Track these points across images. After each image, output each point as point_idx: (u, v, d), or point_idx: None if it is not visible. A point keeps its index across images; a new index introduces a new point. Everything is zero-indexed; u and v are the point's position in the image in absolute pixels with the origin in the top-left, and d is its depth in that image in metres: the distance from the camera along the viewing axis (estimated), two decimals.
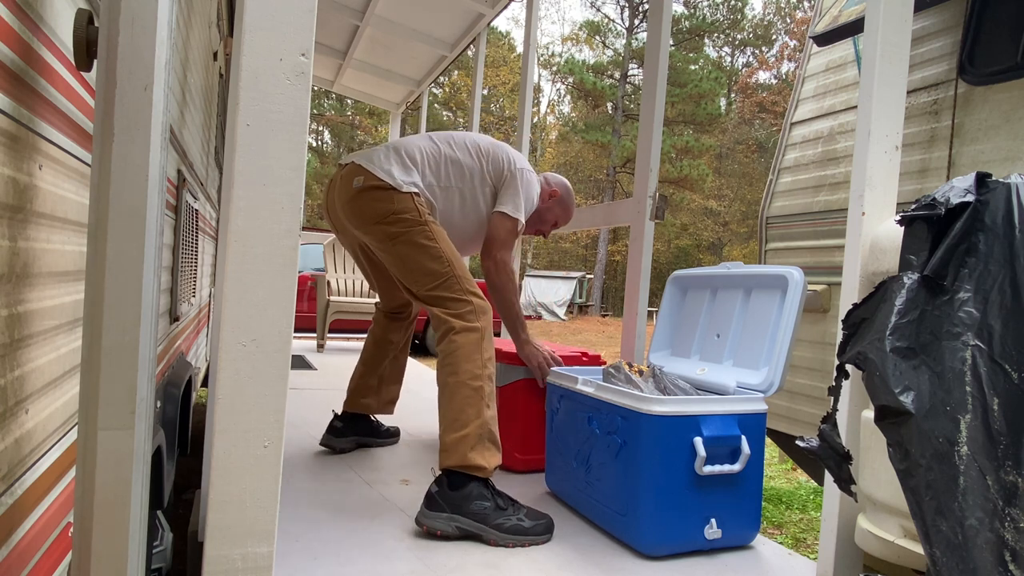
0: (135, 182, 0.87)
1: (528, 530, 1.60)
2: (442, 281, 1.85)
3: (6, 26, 0.79)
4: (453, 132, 2.16)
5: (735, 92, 32.56)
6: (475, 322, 1.81)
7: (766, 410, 1.67)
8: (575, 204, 2.38)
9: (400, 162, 1.95)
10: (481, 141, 2.12)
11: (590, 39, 31.27)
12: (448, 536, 1.59)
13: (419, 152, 2.00)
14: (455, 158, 2.04)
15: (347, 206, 1.96)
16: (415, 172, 1.96)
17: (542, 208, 2.25)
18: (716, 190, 29.40)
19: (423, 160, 1.99)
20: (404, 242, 1.88)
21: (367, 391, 2.36)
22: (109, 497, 0.86)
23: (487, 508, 1.61)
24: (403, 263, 1.90)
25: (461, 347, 1.77)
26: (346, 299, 5.28)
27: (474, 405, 1.71)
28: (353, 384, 2.38)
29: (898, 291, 0.98)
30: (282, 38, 0.88)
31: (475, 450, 1.65)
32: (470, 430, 1.67)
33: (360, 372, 2.38)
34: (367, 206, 1.92)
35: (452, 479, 1.65)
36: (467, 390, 1.72)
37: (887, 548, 1.23)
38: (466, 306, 1.83)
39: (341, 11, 4.27)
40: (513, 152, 2.14)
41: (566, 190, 2.32)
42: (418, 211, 1.89)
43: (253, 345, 0.88)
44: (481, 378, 1.75)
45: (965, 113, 2.18)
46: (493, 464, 1.68)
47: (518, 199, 2.04)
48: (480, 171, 2.05)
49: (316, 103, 26.74)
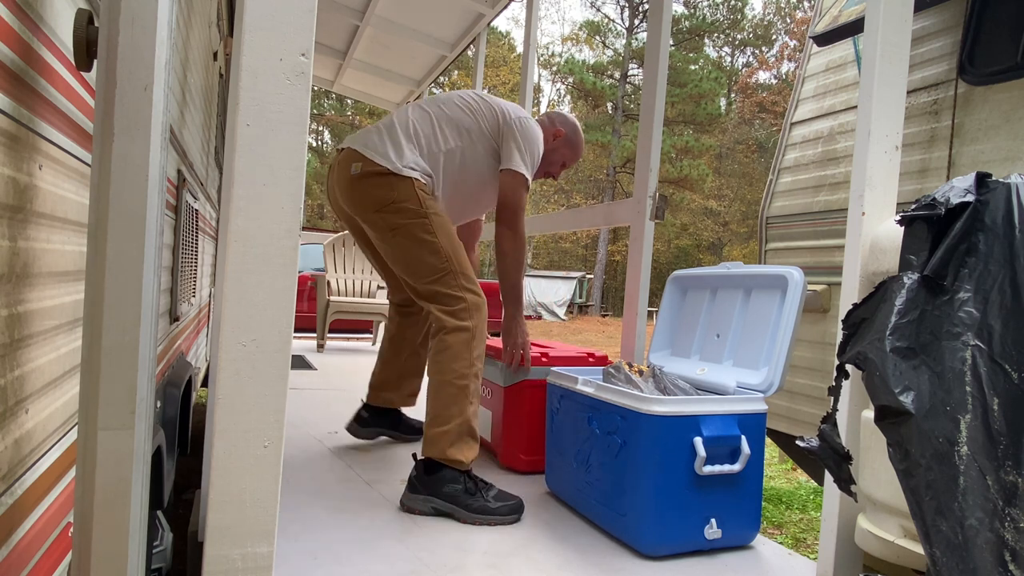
0: (135, 182, 0.87)
1: (494, 510, 1.73)
2: (439, 276, 1.86)
3: (6, 26, 0.79)
4: (442, 94, 2.11)
5: (735, 92, 32.56)
6: (467, 320, 1.84)
7: (766, 410, 1.67)
8: (583, 140, 2.28)
9: (394, 141, 1.91)
10: (473, 97, 2.06)
11: (590, 39, 31.27)
12: (425, 514, 1.76)
13: (411, 123, 1.96)
14: (449, 117, 1.99)
15: (346, 193, 1.95)
16: (412, 146, 1.92)
17: (547, 150, 2.16)
18: (716, 190, 29.40)
19: (416, 131, 1.95)
20: (403, 235, 1.87)
21: (387, 386, 2.36)
22: (109, 497, 0.86)
23: (458, 490, 1.75)
24: (402, 256, 1.91)
25: (451, 346, 1.83)
26: (346, 299, 5.28)
27: (458, 403, 1.81)
28: (374, 379, 2.38)
29: (898, 291, 0.98)
30: (282, 38, 0.88)
31: (454, 446, 1.78)
32: (451, 427, 1.78)
33: (379, 368, 2.38)
34: (366, 193, 1.90)
35: (428, 465, 1.79)
36: (453, 388, 1.82)
37: (887, 548, 1.23)
38: (460, 303, 1.85)
39: (341, 11, 4.27)
40: (507, 104, 2.08)
41: (572, 127, 2.23)
42: (418, 199, 1.86)
43: (253, 345, 0.88)
44: (467, 376, 1.82)
45: (965, 113, 2.18)
46: (470, 457, 1.80)
47: (520, 151, 1.97)
48: (477, 127, 2.00)
49: (316, 103, 26.75)
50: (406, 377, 2.38)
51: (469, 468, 1.79)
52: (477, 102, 2.04)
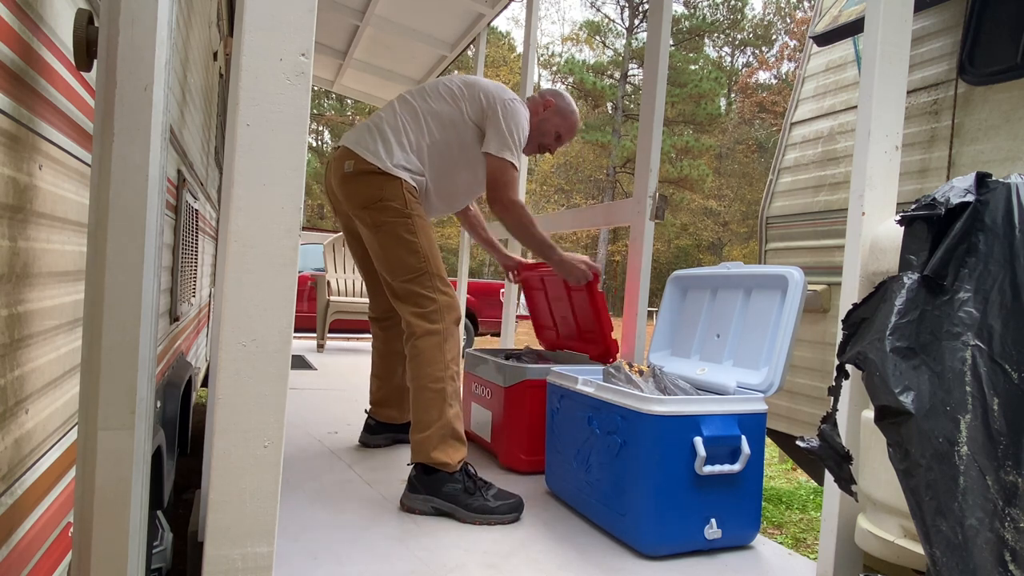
0: (135, 182, 0.87)
1: (493, 509, 1.74)
2: (415, 276, 1.91)
3: (6, 26, 0.79)
4: (429, 83, 2.11)
5: (735, 92, 32.55)
6: (437, 323, 1.88)
7: (766, 410, 1.67)
8: (576, 112, 2.27)
9: (384, 140, 1.96)
10: (458, 85, 2.06)
11: (590, 39, 31.25)
12: (425, 514, 1.77)
13: (399, 120, 2.00)
14: (434, 110, 2.02)
15: (340, 189, 2.01)
16: (401, 144, 1.96)
17: (538, 121, 2.18)
18: (716, 190, 29.38)
19: (404, 127, 1.99)
20: (386, 232, 1.93)
21: (389, 403, 2.41)
22: (109, 497, 0.86)
23: (458, 490, 1.77)
24: (383, 252, 1.95)
25: (422, 352, 1.86)
26: (346, 299, 5.28)
27: (436, 406, 1.83)
28: (374, 396, 2.42)
29: (898, 291, 0.98)
30: (282, 38, 0.88)
31: (437, 449, 1.80)
32: (431, 432, 1.81)
33: (376, 385, 2.41)
34: (357, 191, 1.96)
35: (425, 466, 1.81)
36: (429, 393, 1.84)
37: (887, 548, 1.23)
38: (431, 304, 1.89)
39: (341, 11, 4.27)
40: (491, 86, 2.08)
41: (561, 97, 2.23)
42: (404, 200, 1.92)
43: (253, 345, 0.88)
44: (443, 380, 1.85)
45: (965, 113, 2.18)
46: (456, 459, 1.81)
47: (502, 135, 1.97)
48: (460, 116, 2.02)
49: (316, 103, 26.74)
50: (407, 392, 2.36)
51: (457, 468, 1.80)
52: (461, 89, 2.05)
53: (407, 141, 1.98)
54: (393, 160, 1.93)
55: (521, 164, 2.12)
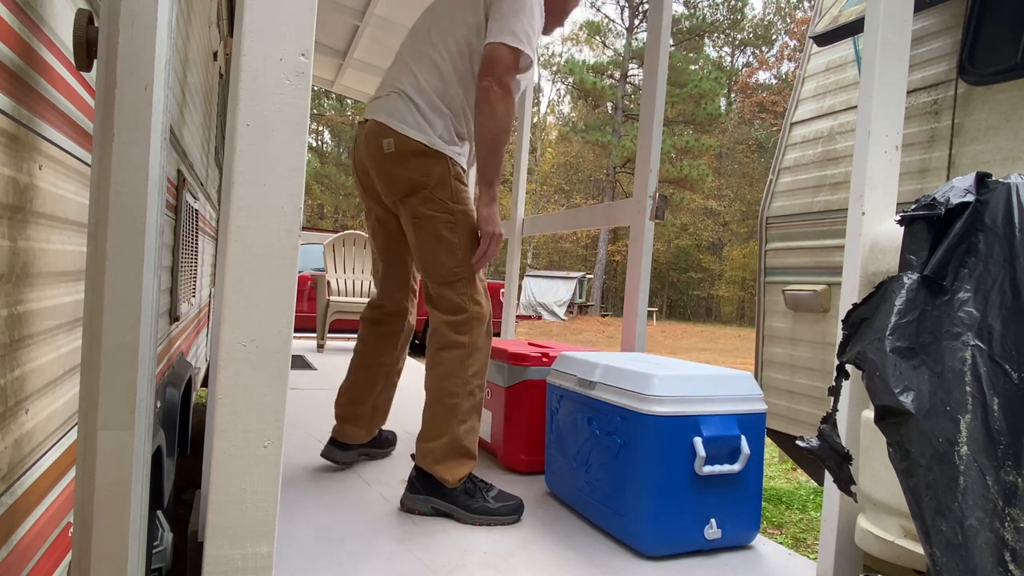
0: (135, 182, 0.87)
1: (493, 511, 1.73)
2: (450, 280, 1.79)
3: (6, 26, 0.79)
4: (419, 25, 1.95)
5: (735, 92, 32.57)
6: (464, 335, 1.78)
7: (766, 410, 1.67)
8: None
9: (417, 108, 1.77)
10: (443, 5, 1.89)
11: (590, 39, 31.27)
12: (425, 514, 1.76)
13: (419, 79, 1.80)
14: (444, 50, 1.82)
15: (379, 172, 1.82)
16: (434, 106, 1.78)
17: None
18: (716, 190, 29.40)
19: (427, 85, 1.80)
20: (426, 229, 1.79)
21: (359, 421, 2.11)
22: (109, 497, 0.86)
23: (457, 491, 1.75)
24: (419, 249, 1.82)
25: (443, 363, 1.79)
26: (346, 299, 5.28)
27: (446, 421, 1.78)
28: (343, 410, 2.10)
29: (898, 291, 0.98)
30: (282, 38, 0.88)
31: (440, 463, 1.76)
32: (437, 445, 1.77)
33: (349, 397, 2.10)
34: (402, 175, 1.78)
35: None
36: (441, 407, 1.79)
37: (887, 548, 1.23)
38: (462, 313, 1.79)
39: (341, 11, 4.27)
40: None
41: None
42: (451, 190, 1.76)
43: (253, 345, 0.88)
44: (459, 396, 1.78)
45: (965, 113, 2.18)
46: (457, 476, 1.76)
47: (520, 20, 1.71)
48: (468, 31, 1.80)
49: (316, 103, 26.74)
50: (379, 412, 2.16)
51: (456, 486, 1.75)
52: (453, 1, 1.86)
53: (438, 97, 1.79)
54: (436, 131, 1.76)
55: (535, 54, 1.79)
